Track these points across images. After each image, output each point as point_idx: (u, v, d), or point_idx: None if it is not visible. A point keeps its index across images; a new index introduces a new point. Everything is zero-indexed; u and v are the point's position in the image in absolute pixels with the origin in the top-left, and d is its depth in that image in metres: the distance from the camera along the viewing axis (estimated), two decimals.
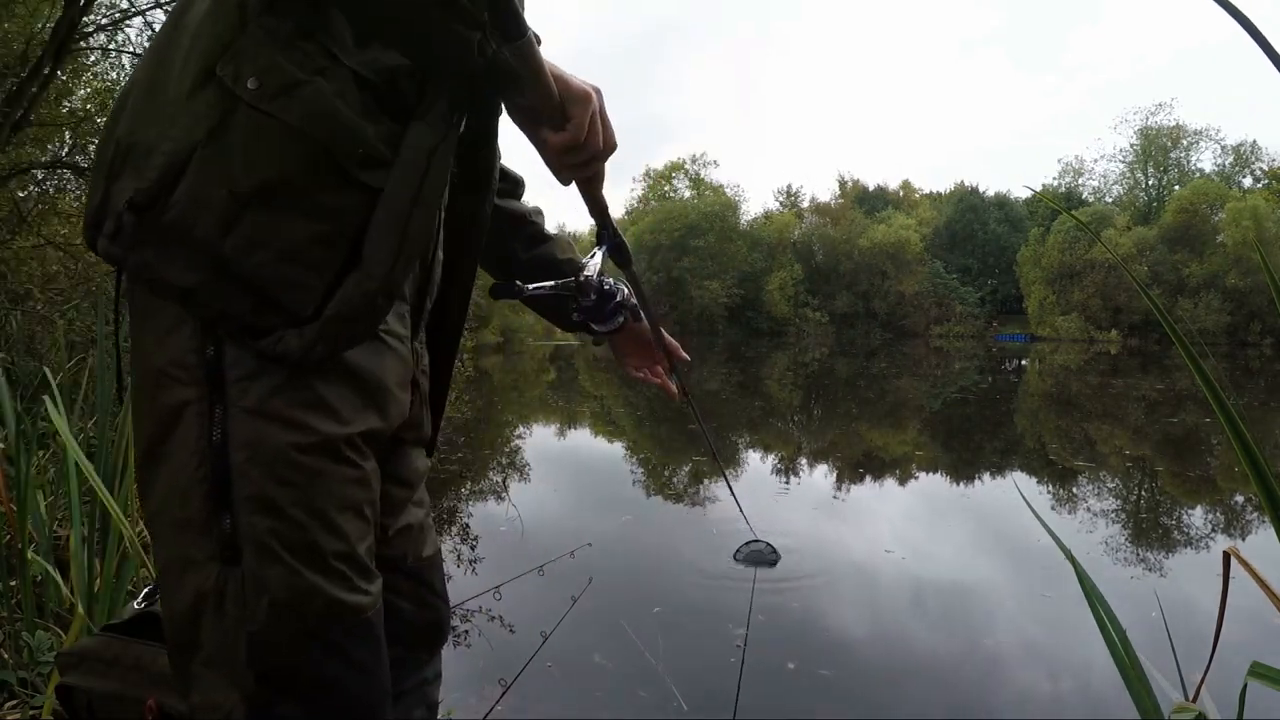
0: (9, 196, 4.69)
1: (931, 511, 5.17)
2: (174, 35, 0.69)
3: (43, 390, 2.53)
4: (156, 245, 0.66)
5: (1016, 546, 4.31)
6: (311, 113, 0.67)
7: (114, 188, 0.67)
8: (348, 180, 0.69)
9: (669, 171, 54.70)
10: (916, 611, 3.28)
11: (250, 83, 0.65)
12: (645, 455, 7.29)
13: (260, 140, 0.66)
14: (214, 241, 0.65)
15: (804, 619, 3.02)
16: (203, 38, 0.67)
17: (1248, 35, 0.75)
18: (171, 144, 0.65)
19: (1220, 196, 38.85)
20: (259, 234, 0.66)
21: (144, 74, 0.70)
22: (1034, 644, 2.97)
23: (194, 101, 0.66)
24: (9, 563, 1.89)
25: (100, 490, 1.65)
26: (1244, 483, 5.78)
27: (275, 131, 0.66)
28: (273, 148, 0.66)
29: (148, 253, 0.66)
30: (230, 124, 0.65)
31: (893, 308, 46.57)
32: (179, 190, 0.65)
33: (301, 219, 0.67)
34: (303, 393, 0.70)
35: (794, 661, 2.58)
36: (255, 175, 0.65)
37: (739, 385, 15.25)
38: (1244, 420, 0.90)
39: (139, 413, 0.73)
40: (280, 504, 0.68)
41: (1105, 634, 1.03)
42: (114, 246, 0.67)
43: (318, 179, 0.68)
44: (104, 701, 0.86)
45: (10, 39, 4.41)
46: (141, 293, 0.72)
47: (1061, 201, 45.77)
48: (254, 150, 0.65)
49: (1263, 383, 16.08)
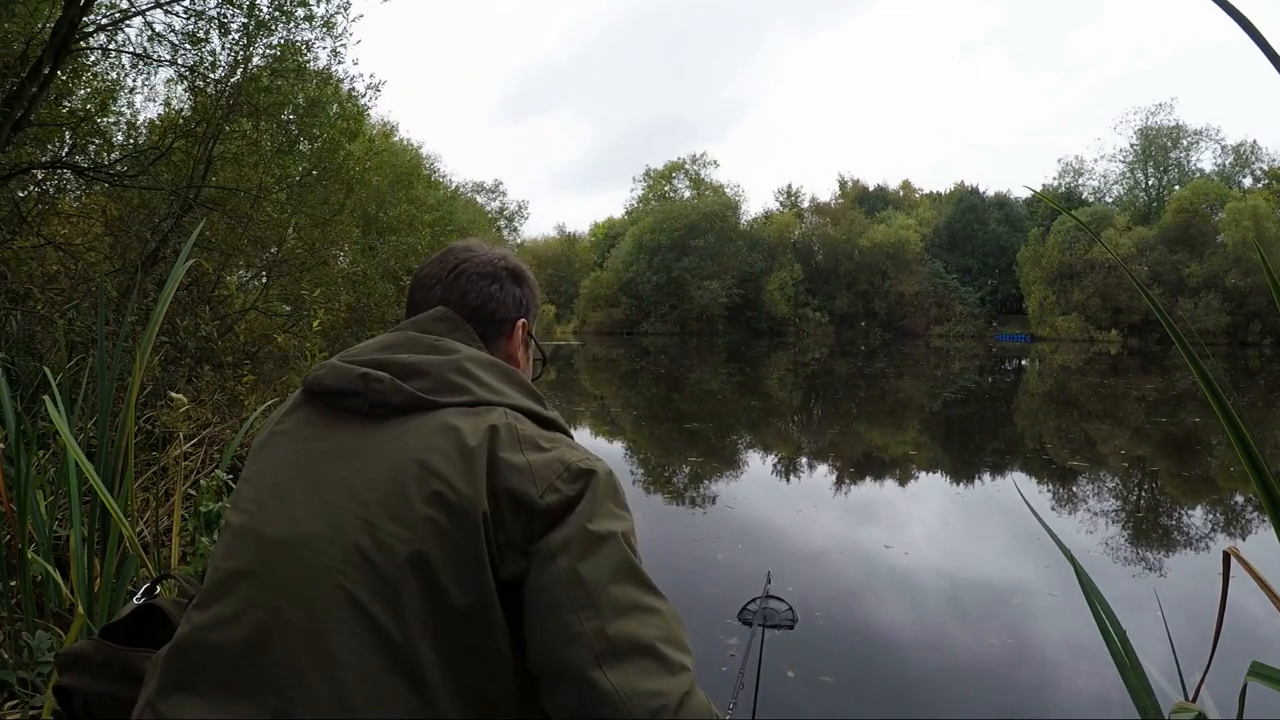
0: (9, 196, 4.68)
1: (931, 512, 5.17)
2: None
3: (43, 390, 2.53)
4: None
5: (1025, 545, 4.32)
6: None
7: None
8: None
9: (669, 171, 54.68)
10: (940, 615, 3.28)
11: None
12: (645, 455, 7.29)
13: None
14: None
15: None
16: None
17: (1248, 36, 0.75)
18: None
19: (1220, 196, 38.85)
20: None
21: None
22: (1034, 644, 2.97)
23: None
24: (9, 563, 1.89)
25: (100, 490, 1.65)
26: (1244, 483, 5.77)
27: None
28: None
29: None
30: None
31: (893, 308, 46.56)
32: None
33: None
34: None
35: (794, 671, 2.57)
36: None
37: (739, 385, 15.25)
38: (1244, 420, 0.90)
39: None
40: None
41: (1105, 634, 1.03)
42: None
43: None
44: (101, 702, 0.87)
45: (10, 39, 4.40)
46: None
47: (1061, 201, 45.75)
48: None
49: (1263, 383, 16.07)
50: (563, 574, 0.72)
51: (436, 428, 0.78)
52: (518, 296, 1.00)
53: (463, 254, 1.00)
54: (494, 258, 1.01)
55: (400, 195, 15.64)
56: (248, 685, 0.69)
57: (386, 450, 0.78)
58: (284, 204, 6.04)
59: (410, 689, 0.68)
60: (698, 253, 44.83)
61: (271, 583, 0.73)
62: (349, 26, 5.86)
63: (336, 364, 0.85)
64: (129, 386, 1.88)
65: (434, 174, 23.31)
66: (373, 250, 9.87)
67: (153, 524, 2.43)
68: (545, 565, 0.72)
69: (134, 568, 1.88)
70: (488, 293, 0.97)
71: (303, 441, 0.83)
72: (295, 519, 0.76)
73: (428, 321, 0.93)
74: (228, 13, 5.20)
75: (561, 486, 0.75)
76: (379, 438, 0.79)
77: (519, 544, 0.73)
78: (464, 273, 0.98)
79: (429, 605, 0.70)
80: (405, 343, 0.88)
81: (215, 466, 3.01)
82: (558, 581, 0.71)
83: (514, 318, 0.99)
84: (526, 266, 1.05)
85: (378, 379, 0.81)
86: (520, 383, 0.88)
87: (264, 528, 0.77)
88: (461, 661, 0.70)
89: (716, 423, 9.46)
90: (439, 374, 0.82)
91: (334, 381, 0.84)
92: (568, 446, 0.80)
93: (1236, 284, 35.55)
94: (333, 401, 0.84)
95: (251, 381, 4.64)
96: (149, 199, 5.32)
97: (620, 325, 46.21)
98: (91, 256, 5.00)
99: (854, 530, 4.59)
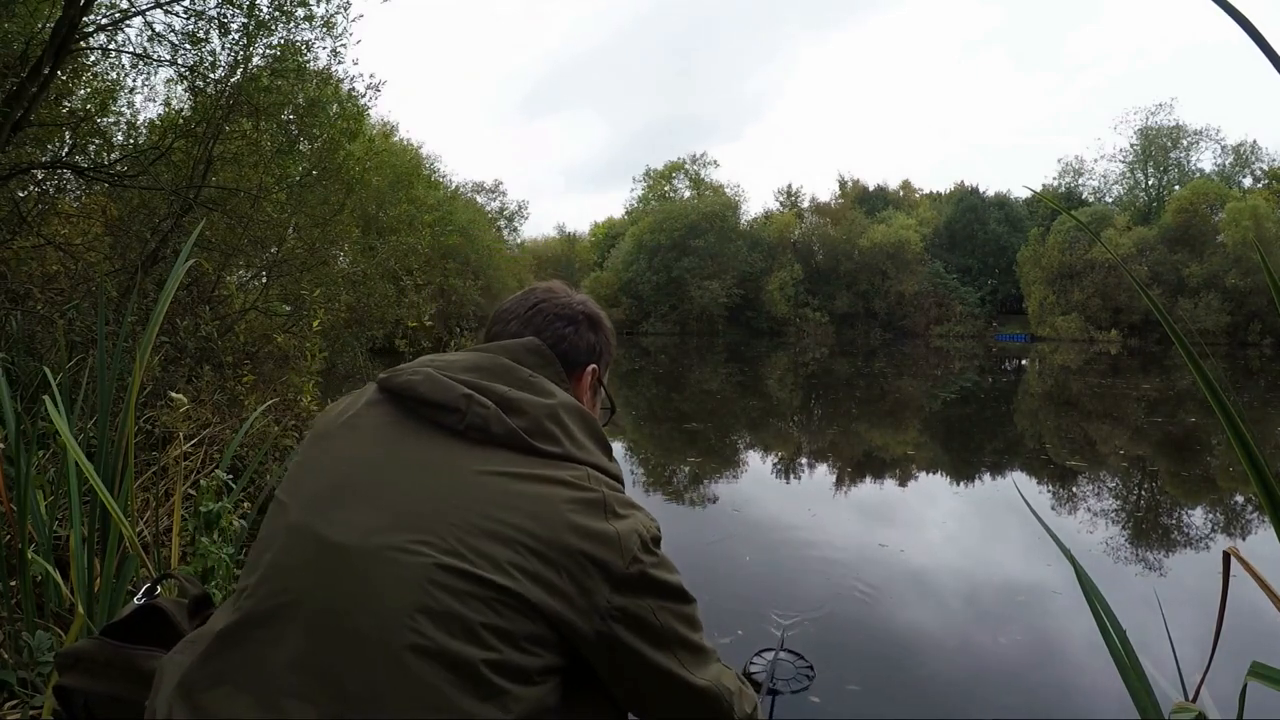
0: (9, 196, 4.68)
1: (930, 512, 5.17)
2: None
3: (43, 390, 2.52)
4: None
5: (1025, 545, 4.32)
6: None
7: None
8: None
9: (669, 171, 54.65)
10: (938, 613, 3.28)
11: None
12: (645, 455, 7.29)
13: None
14: None
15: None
16: None
17: (1248, 36, 0.75)
18: None
19: (1220, 196, 38.79)
20: None
21: None
22: (1035, 644, 2.97)
23: None
24: (9, 563, 1.89)
25: (100, 490, 1.64)
26: (1244, 483, 5.77)
27: None
28: None
29: None
30: None
31: (893, 308, 46.51)
32: None
33: None
34: None
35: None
36: None
37: (739, 385, 15.25)
38: (1244, 420, 0.90)
39: None
40: None
41: (1105, 634, 1.03)
42: None
43: None
44: (101, 702, 0.86)
45: (10, 39, 4.40)
46: None
47: (1061, 201, 45.73)
48: None
49: (1263, 383, 16.07)
50: (650, 626, 0.83)
51: (536, 477, 0.80)
52: (591, 342, 1.02)
53: (544, 294, 1.03)
54: (573, 301, 1.04)
55: (400, 195, 15.66)
56: (310, 691, 0.68)
57: (488, 482, 0.78)
58: (284, 204, 6.04)
59: (474, 709, 0.70)
60: (698, 253, 44.80)
61: (337, 590, 0.71)
62: (349, 26, 5.87)
63: (434, 375, 0.85)
64: (129, 386, 1.88)
65: (434, 174, 23.32)
66: (373, 250, 9.87)
67: (153, 524, 2.43)
68: (635, 622, 0.81)
69: (134, 568, 1.88)
70: (562, 334, 0.99)
71: (384, 444, 0.82)
72: (370, 529, 0.74)
73: (520, 352, 0.93)
74: (228, 13, 5.20)
75: (642, 556, 0.81)
76: (474, 464, 0.79)
77: (601, 604, 0.78)
78: (541, 311, 1.00)
79: (500, 637, 0.72)
80: (500, 370, 0.88)
81: (215, 466, 3.01)
82: (647, 633, 0.82)
83: (585, 362, 1.01)
84: (604, 315, 1.08)
85: (482, 404, 0.82)
86: (597, 435, 0.91)
87: (329, 530, 0.75)
88: (521, 689, 0.73)
89: (716, 423, 9.46)
90: (536, 417, 0.84)
91: (431, 393, 0.83)
92: (638, 512, 0.86)
93: (1236, 284, 35.51)
94: (423, 412, 0.83)
95: (251, 381, 4.64)
96: (149, 199, 5.32)
97: (620, 325, 46.17)
98: (91, 256, 5.00)
99: (849, 528, 4.59)
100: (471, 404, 0.81)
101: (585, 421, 0.89)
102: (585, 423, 0.89)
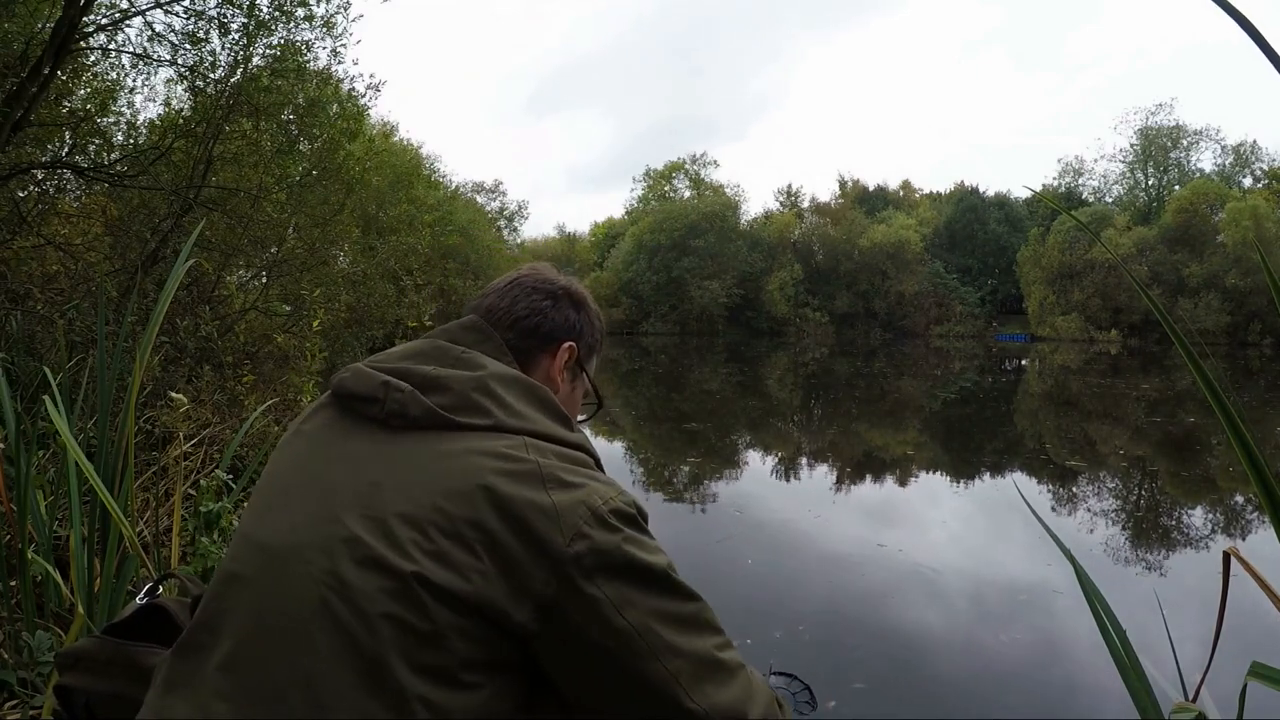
0: (9, 196, 4.68)
1: (930, 512, 5.17)
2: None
3: (43, 390, 2.52)
4: None
5: (1025, 545, 4.32)
6: None
7: None
8: None
9: (669, 171, 54.65)
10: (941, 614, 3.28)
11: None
12: (646, 455, 7.29)
13: None
14: None
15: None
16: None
17: (1248, 36, 0.75)
18: None
19: (1220, 196, 38.79)
20: None
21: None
22: (1036, 643, 2.97)
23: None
24: (9, 563, 1.89)
25: (100, 490, 1.64)
26: (1244, 483, 5.77)
27: None
28: None
29: None
30: None
31: (893, 308, 46.51)
32: None
33: None
34: None
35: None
36: None
37: (739, 385, 15.25)
38: (1244, 420, 0.90)
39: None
40: None
41: (1105, 634, 1.03)
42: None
43: None
44: (103, 700, 0.86)
45: (10, 39, 4.40)
46: None
47: (1061, 201, 45.72)
48: None
49: (1263, 383, 16.07)
50: (611, 622, 0.70)
51: (454, 452, 0.74)
52: (571, 319, 0.97)
53: (527, 270, 1.00)
54: (556, 278, 0.99)
55: (400, 195, 15.66)
56: (234, 691, 0.68)
57: (406, 466, 0.75)
58: (284, 204, 6.04)
59: (384, 708, 0.65)
60: (698, 253, 44.80)
61: (260, 590, 0.72)
62: (349, 26, 5.87)
63: (361, 368, 0.84)
64: (129, 386, 1.88)
65: (434, 174, 23.32)
66: (373, 250, 9.88)
67: (153, 524, 2.43)
68: (586, 614, 0.70)
69: (134, 568, 1.88)
70: (538, 306, 0.94)
71: (318, 445, 0.82)
72: (292, 526, 0.74)
73: (457, 330, 0.90)
74: (228, 13, 5.20)
75: (591, 532, 0.71)
76: (392, 451, 0.77)
77: (535, 589, 0.69)
78: (520, 284, 0.97)
79: (405, 631, 0.67)
80: (433, 352, 0.85)
81: (215, 466, 3.01)
82: (608, 631, 0.70)
83: (561, 338, 0.95)
84: (591, 298, 1.02)
85: (399, 389, 0.79)
86: (544, 401, 0.84)
87: (261, 533, 0.76)
88: (444, 693, 0.67)
89: (716, 423, 9.46)
90: (461, 391, 0.79)
91: (355, 385, 0.82)
92: (594, 482, 0.76)
93: (1236, 284, 35.51)
94: (352, 406, 0.82)
95: (251, 381, 4.64)
96: (149, 199, 5.32)
97: (620, 325, 46.16)
98: (91, 256, 5.00)
99: (850, 528, 4.59)
100: (389, 390, 0.79)
101: (526, 389, 0.83)
102: (526, 390, 0.83)
